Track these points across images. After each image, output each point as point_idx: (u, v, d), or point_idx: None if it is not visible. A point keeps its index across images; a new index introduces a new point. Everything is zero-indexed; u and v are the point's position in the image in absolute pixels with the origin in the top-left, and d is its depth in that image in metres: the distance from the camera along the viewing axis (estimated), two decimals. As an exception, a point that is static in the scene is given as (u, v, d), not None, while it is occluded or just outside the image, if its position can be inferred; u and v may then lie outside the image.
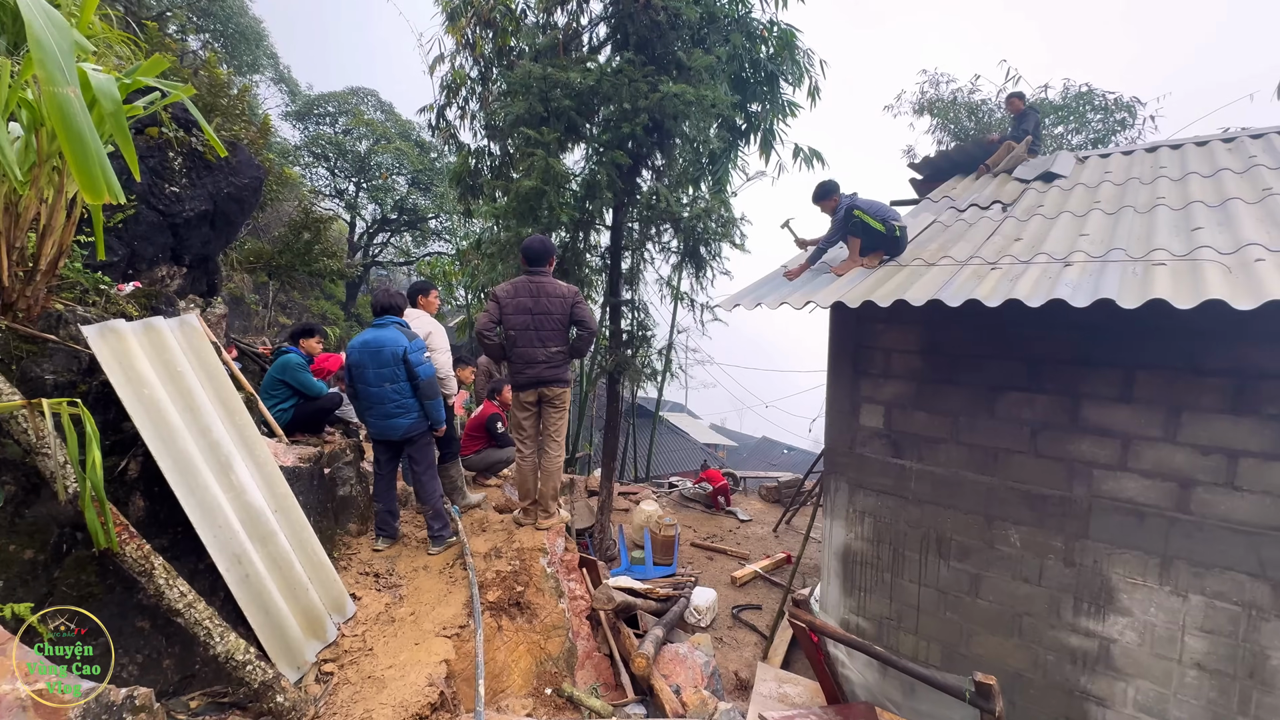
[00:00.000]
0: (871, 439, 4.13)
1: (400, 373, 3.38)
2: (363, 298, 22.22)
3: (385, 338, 3.40)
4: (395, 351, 3.37)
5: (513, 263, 7.51)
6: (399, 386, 3.38)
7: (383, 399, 3.35)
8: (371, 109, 22.79)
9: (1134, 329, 3.12)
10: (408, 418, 3.41)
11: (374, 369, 3.35)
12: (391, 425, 3.38)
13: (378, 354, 3.35)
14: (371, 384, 3.35)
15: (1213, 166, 4.68)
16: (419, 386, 3.42)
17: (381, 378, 3.36)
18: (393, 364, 3.36)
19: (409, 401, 3.42)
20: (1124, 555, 3.25)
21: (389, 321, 3.52)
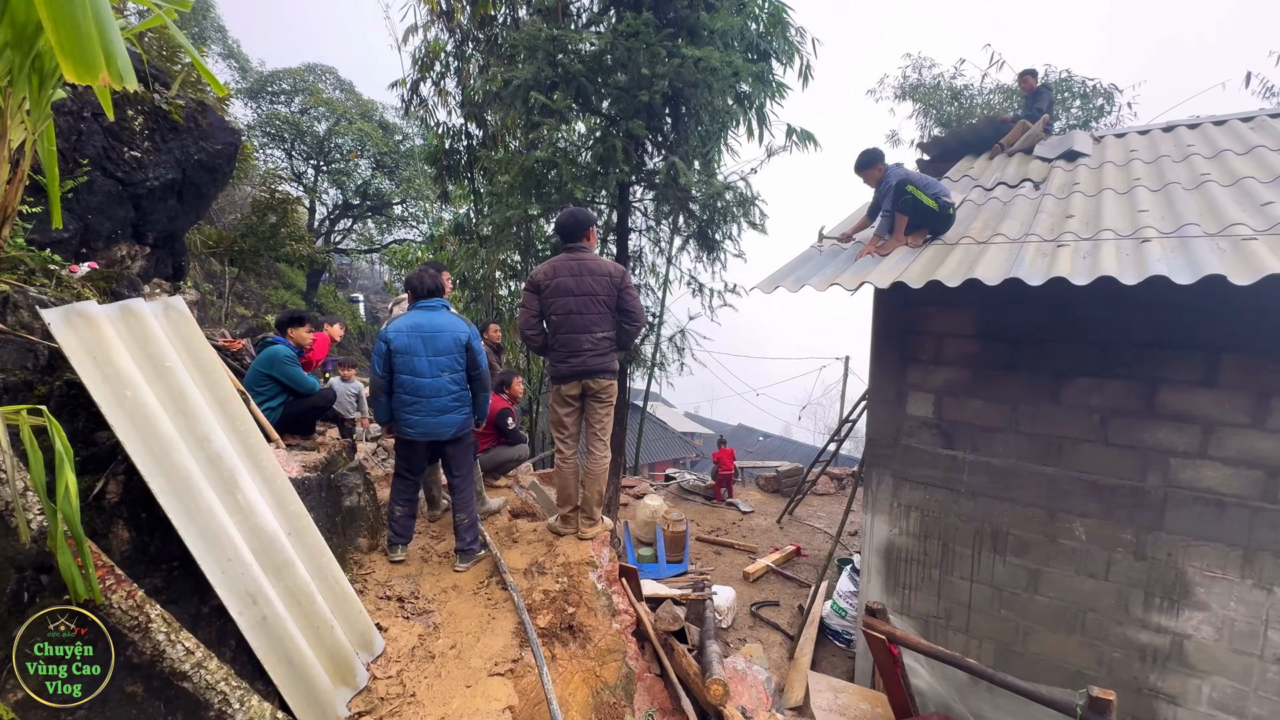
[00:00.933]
0: (920, 429, 3.89)
1: (461, 361, 2.96)
2: (325, 287, 21.17)
3: (442, 321, 2.94)
4: (458, 337, 2.93)
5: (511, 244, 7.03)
6: (457, 377, 2.94)
7: (438, 391, 2.90)
8: (330, 87, 21.57)
9: (1220, 309, 2.93)
10: (461, 413, 2.99)
11: (429, 356, 2.89)
12: (444, 422, 2.93)
13: (434, 339, 2.90)
14: (424, 374, 2.89)
15: (1244, 144, 4.57)
16: (479, 377, 3.03)
17: (439, 366, 2.91)
18: (454, 351, 2.92)
19: (466, 394, 3.02)
20: (1202, 547, 3.08)
21: (439, 304, 3.08)
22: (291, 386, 3.71)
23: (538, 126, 4.91)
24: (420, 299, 3.05)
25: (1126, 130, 6.03)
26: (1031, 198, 4.46)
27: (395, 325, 2.96)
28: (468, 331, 2.98)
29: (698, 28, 4.83)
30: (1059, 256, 3.13)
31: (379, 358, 2.97)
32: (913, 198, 3.82)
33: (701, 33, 4.84)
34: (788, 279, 3.90)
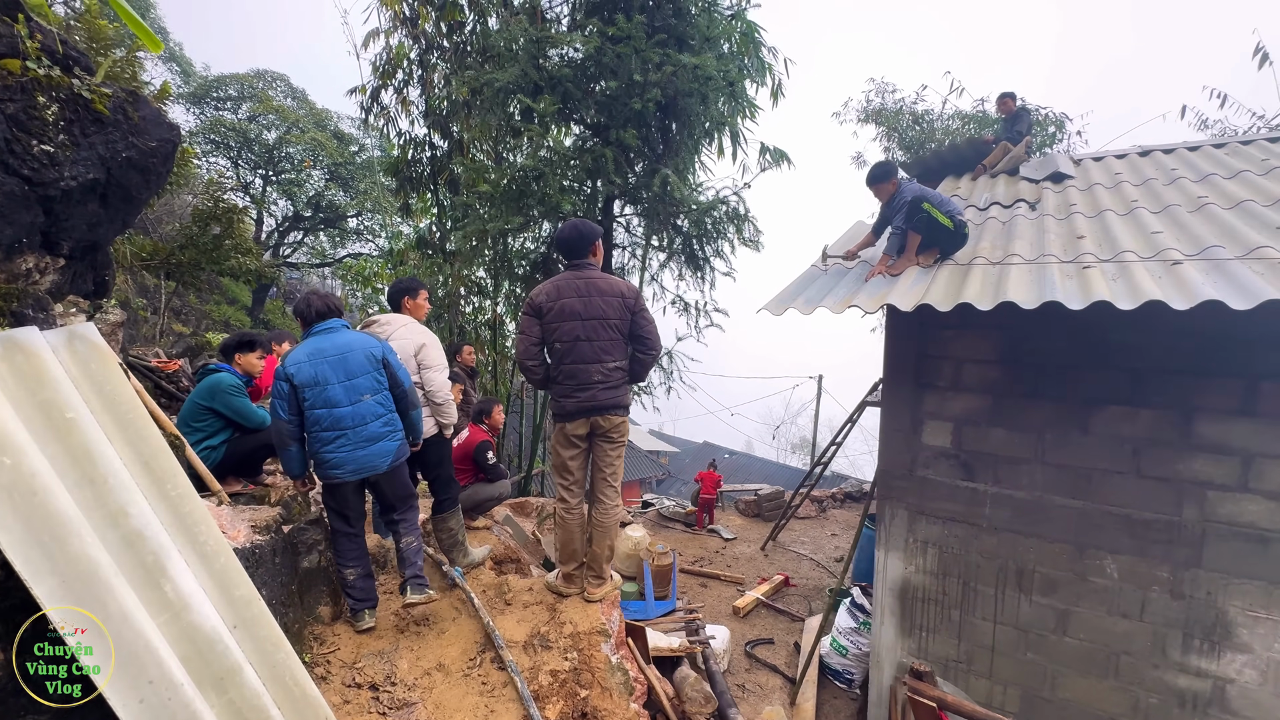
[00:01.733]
0: (937, 460, 3.66)
1: (381, 380, 2.60)
2: (272, 303, 20.04)
3: (348, 340, 2.60)
4: (370, 353, 2.59)
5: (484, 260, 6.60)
6: (382, 398, 2.60)
7: (362, 418, 2.53)
8: (281, 95, 20.64)
9: (1257, 334, 2.80)
10: (394, 439, 2.63)
11: (342, 382, 2.52)
12: (376, 452, 2.55)
13: (344, 361, 2.54)
14: (342, 403, 2.51)
15: (1228, 168, 4.61)
16: (404, 395, 2.66)
17: (357, 390, 2.54)
18: (371, 369, 2.57)
19: (391, 417, 2.64)
20: (1244, 585, 2.92)
21: (338, 325, 2.70)
22: (238, 421, 3.19)
23: (519, 134, 4.55)
24: (312, 325, 2.64)
25: (1103, 154, 6.11)
26: (1030, 218, 4.36)
27: (292, 357, 2.52)
28: (380, 345, 2.60)
29: (686, 36, 4.59)
30: (1089, 279, 2.96)
31: (281, 400, 2.53)
32: (928, 215, 3.63)
33: (689, 41, 4.60)
34: (797, 299, 3.64)
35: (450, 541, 3.04)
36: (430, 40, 9.57)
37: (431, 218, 10.97)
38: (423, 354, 2.81)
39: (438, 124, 9.71)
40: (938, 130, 13.58)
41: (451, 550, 3.06)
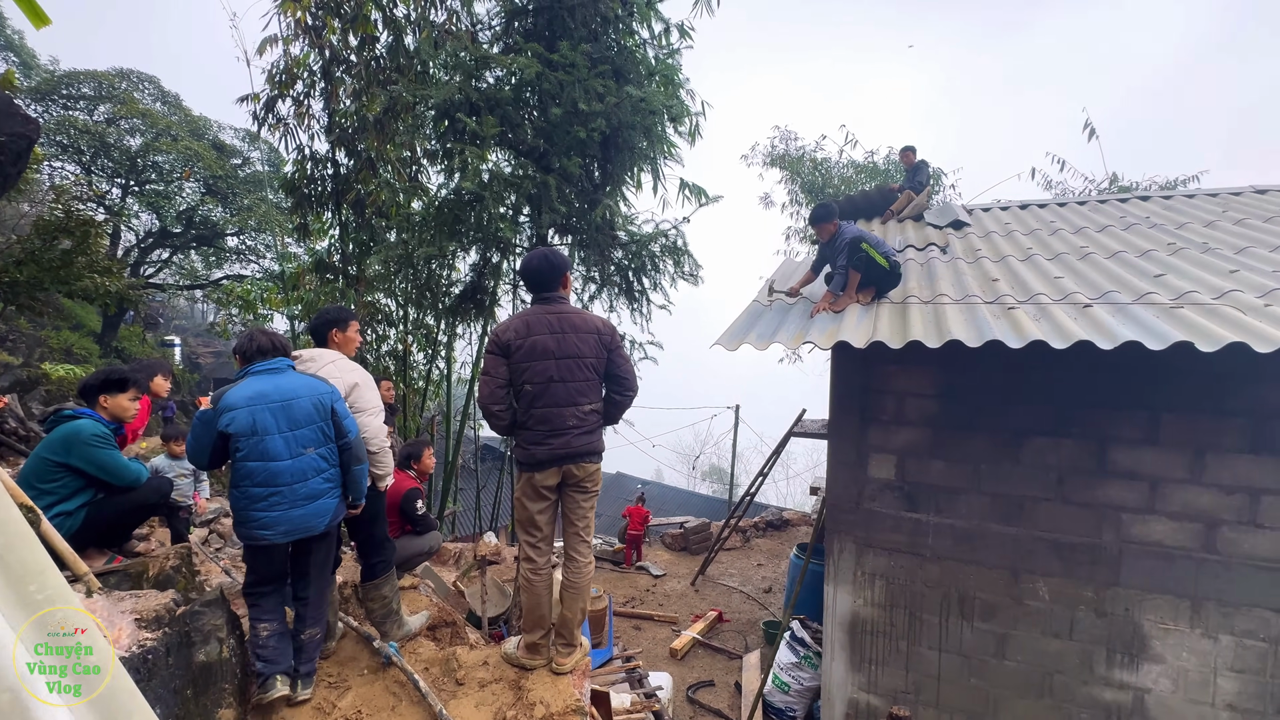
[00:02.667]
0: (882, 492, 3.74)
1: (329, 432, 2.30)
2: (128, 329, 17.56)
3: (295, 384, 2.28)
4: (319, 402, 2.28)
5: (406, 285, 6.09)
6: (326, 452, 2.29)
7: (302, 474, 2.23)
8: (150, 98, 18.56)
9: (1160, 371, 3.13)
10: (331, 498, 2.32)
11: (285, 432, 2.21)
12: (314, 512, 2.25)
13: (289, 409, 2.23)
14: (282, 456, 2.20)
15: (1094, 223, 5.27)
16: (349, 447, 2.34)
17: (300, 442, 2.24)
18: (318, 420, 2.27)
19: (334, 473, 2.33)
20: (1155, 600, 3.19)
21: (284, 365, 2.36)
22: (103, 479, 2.61)
23: (450, 155, 4.28)
24: (253, 363, 2.30)
25: (990, 205, 6.82)
26: (944, 261, 4.70)
27: (229, 399, 2.18)
28: (330, 391, 2.31)
29: (625, 70, 4.58)
30: (1016, 319, 3.18)
31: (201, 450, 2.19)
32: (867, 255, 3.80)
33: (629, 75, 4.59)
34: (749, 335, 3.64)
35: (384, 611, 2.62)
36: (336, 52, 8.97)
37: (332, 240, 10.14)
38: (355, 395, 2.43)
39: (343, 140, 9.05)
40: (835, 177, 14.70)
41: (385, 622, 2.63)
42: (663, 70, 4.96)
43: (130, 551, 2.86)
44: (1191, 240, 4.29)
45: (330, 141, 9.14)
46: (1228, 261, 3.73)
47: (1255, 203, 5.23)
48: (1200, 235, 4.41)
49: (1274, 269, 3.47)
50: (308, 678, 2.32)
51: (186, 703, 1.89)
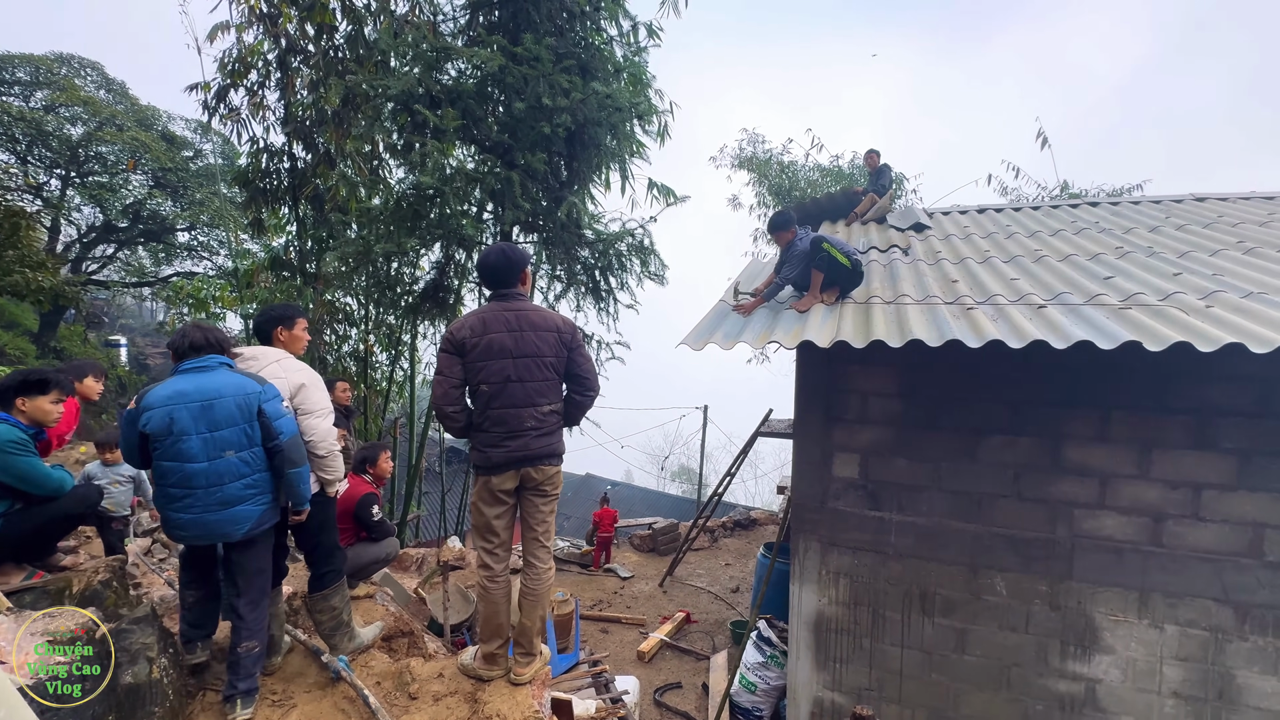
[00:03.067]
0: (846, 490, 3.77)
1: (254, 434, 2.20)
2: (69, 328, 16.65)
3: (220, 384, 2.17)
4: (244, 403, 2.17)
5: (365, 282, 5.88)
6: (249, 455, 2.19)
7: (218, 478, 2.14)
8: (92, 85, 17.64)
9: (1110, 370, 3.22)
10: (257, 503, 2.21)
11: (204, 434, 2.12)
12: (229, 518, 2.15)
13: (210, 410, 2.14)
14: (198, 458, 2.11)
15: (1048, 227, 5.44)
16: (279, 450, 2.22)
17: (219, 444, 2.14)
18: (241, 422, 2.17)
19: (261, 478, 2.22)
20: (1106, 593, 3.28)
21: (214, 362, 2.24)
22: (21, 488, 2.42)
23: (409, 148, 4.15)
24: (184, 360, 2.22)
25: (949, 209, 6.98)
26: (906, 262, 4.78)
27: (148, 398, 2.11)
28: (258, 391, 2.20)
29: (592, 67, 4.52)
30: (975, 319, 3.24)
31: (130, 449, 2.13)
32: (829, 255, 3.83)
33: (595, 72, 4.53)
34: (715, 334, 3.62)
35: (333, 624, 2.49)
36: (293, 41, 8.66)
37: (289, 236, 9.79)
38: (301, 396, 2.31)
39: (300, 133, 8.74)
40: (800, 180, 14.92)
41: (334, 634, 2.50)
42: (630, 68, 4.92)
43: (54, 566, 2.66)
44: (1137, 244, 4.46)
45: (286, 134, 8.81)
46: (1171, 265, 3.88)
47: (1194, 209, 5.47)
48: (1145, 240, 4.59)
49: (1214, 272, 3.62)
50: (248, 695, 2.19)
51: (110, 732, 1.74)
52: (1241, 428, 3.03)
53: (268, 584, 2.34)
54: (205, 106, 8.81)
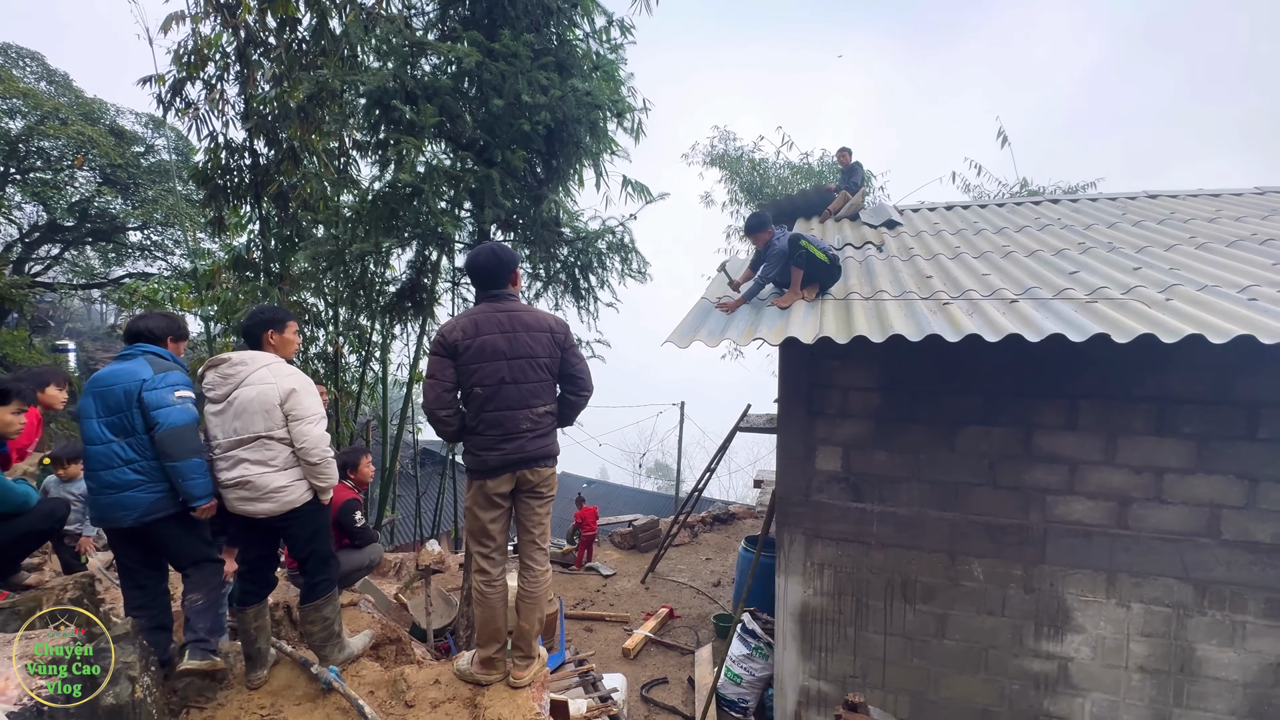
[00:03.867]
0: (829, 483, 3.84)
1: (135, 422, 2.28)
2: (12, 333, 15.78)
3: (120, 370, 2.34)
4: (129, 389, 2.29)
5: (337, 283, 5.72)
6: (134, 442, 2.29)
7: (107, 461, 2.27)
8: (32, 77, 16.74)
9: (1077, 361, 3.35)
10: (147, 492, 2.28)
11: (100, 418, 2.29)
12: (118, 502, 2.26)
13: (104, 396, 2.31)
14: (95, 440, 2.28)
15: (1013, 224, 5.62)
16: (160, 439, 2.26)
17: (109, 430, 2.28)
18: (125, 408, 2.28)
19: (150, 465, 2.29)
20: (1076, 575, 3.43)
21: (138, 351, 2.38)
22: (-18, 505, 2.30)
23: (383, 145, 4.06)
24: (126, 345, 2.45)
25: (919, 206, 7.16)
26: (881, 259, 4.89)
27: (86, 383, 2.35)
28: (144, 380, 2.27)
29: (569, 63, 4.49)
30: (951, 314, 3.33)
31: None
32: (807, 252, 3.89)
33: (572, 69, 4.50)
34: (699, 332, 3.64)
35: (325, 634, 2.43)
36: (253, 33, 8.37)
37: (251, 235, 9.47)
38: (292, 402, 2.24)
39: (262, 129, 8.45)
40: (771, 177, 15.08)
41: (325, 645, 2.44)
42: (605, 65, 4.89)
43: (18, 585, 2.54)
44: (1098, 240, 4.65)
45: (247, 129, 8.52)
46: (1130, 259, 4.06)
47: (1149, 206, 5.74)
48: (1105, 235, 4.79)
49: (1170, 266, 3.80)
50: (196, 648, 2.28)
51: (92, 754, 1.67)
52: (1199, 414, 3.19)
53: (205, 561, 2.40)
54: (160, 100, 8.46)
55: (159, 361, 2.37)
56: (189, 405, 2.32)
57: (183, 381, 2.35)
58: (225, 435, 2.24)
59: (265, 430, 2.21)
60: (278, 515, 2.27)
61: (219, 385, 2.26)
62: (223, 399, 2.25)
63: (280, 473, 2.25)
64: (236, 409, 2.22)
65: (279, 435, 2.23)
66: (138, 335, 2.42)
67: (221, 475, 2.26)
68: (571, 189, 5.48)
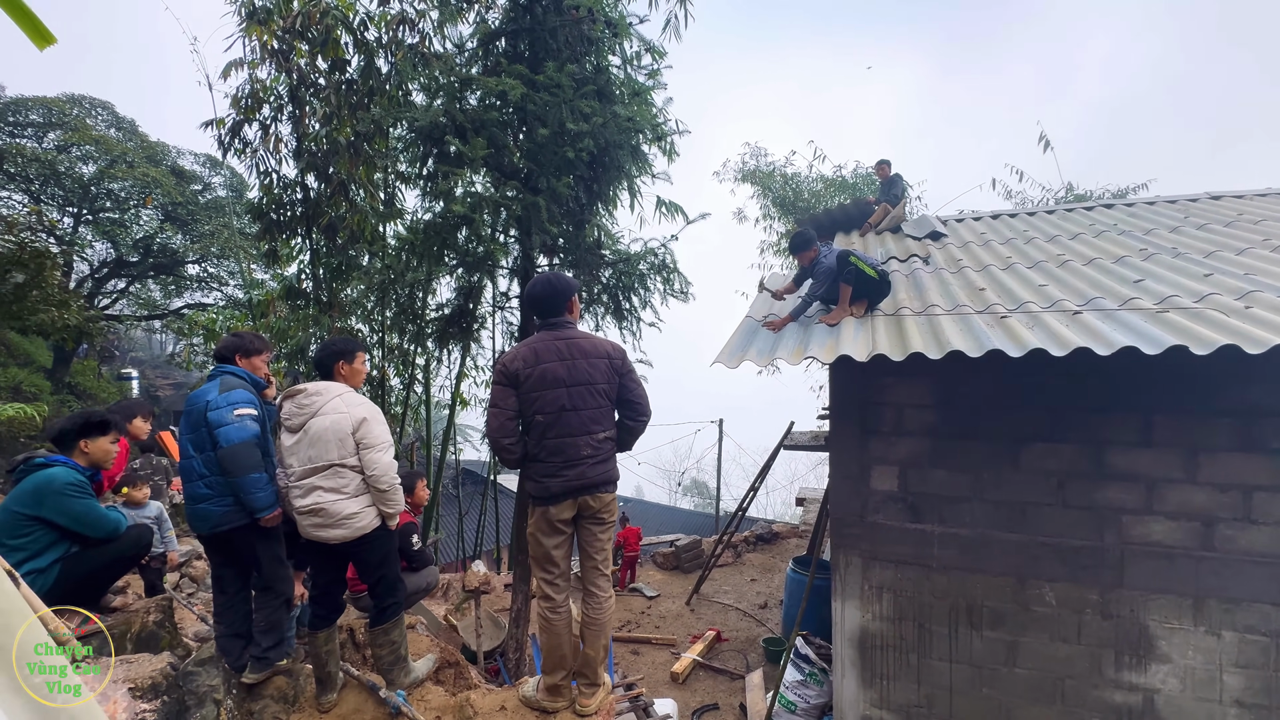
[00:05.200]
0: (886, 504, 3.74)
1: (204, 440, 2.50)
2: (82, 363, 16.76)
3: (199, 392, 2.59)
4: (201, 410, 2.51)
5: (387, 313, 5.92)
6: (206, 458, 2.50)
7: (189, 475, 2.51)
8: (103, 124, 17.98)
9: (1148, 373, 3.21)
10: (216, 505, 2.49)
11: (186, 434, 2.55)
12: (198, 515, 2.50)
13: (189, 415, 2.57)
14: (183, 455, 2.55)
15: (1066, 231, 5.44)
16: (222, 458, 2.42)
17: (192, 446, 2.53)
18: (201, 426, 2.50)
19: (217, 481, 2.49)
20: (1158, 600, 3.23)
21: (218, 371, 2.65)
22: (79, 531, 2.43)
23: (437, 177, 4.21)
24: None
25: (963, 216, 7.01)
26: (928, 272, 4.79)
27: None
28: (210, 402, 2.51)
29: (608, 90, 4.58)
30: (1011, 327, 3.24)
31: None
32: (857, 268, 3.85)
33: (611, 95, 4.60)
34: (749, 351, 3.63)
35: (392, 658, 2.47)
36: (304, 76, 8.83)
37: (302, 265, 9.89)
38: (363, 430, 2.32)
39: (313, 165, 8.88)
40: (804, 191, 15.00)
41: (392, 668, 2.48)
42: (641, 90, 4.99)
43: (107, 608, 2.66)
44: (1161, 245, 4.46)
45: (299, 166, 8.96)
46: (1200, 265, 3.88)
47: (1212, 208, 5.48)
48: (1168, 240, 4.59)
49: (1245, 271, 3.62)
50: (256, 661, 2.46)
51: (185, 776, 1.73)
52: (1289, 428, 3.00)
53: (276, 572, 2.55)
54: (219, 142, 8.98)
55: (228, 380, 2.56)
56: (247, 423, 2.46)
57: (244, 399, 2.51)
58: (300, 463, 2.33)
59: (339, 458, 2.29)
60: (349, 541, 2.33)
61: (295, 415, 2.36)
62: (298, 428, 2.34)
63: (352, 499, 2.32)
64: (311, 438, 2.31)
65: (351, 463, 2.31)
66: (222, 357, 2.69)
67: (296, 502, 2.34)
68: (610, 212, 5.56)
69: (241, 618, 2.54)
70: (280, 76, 8.81)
